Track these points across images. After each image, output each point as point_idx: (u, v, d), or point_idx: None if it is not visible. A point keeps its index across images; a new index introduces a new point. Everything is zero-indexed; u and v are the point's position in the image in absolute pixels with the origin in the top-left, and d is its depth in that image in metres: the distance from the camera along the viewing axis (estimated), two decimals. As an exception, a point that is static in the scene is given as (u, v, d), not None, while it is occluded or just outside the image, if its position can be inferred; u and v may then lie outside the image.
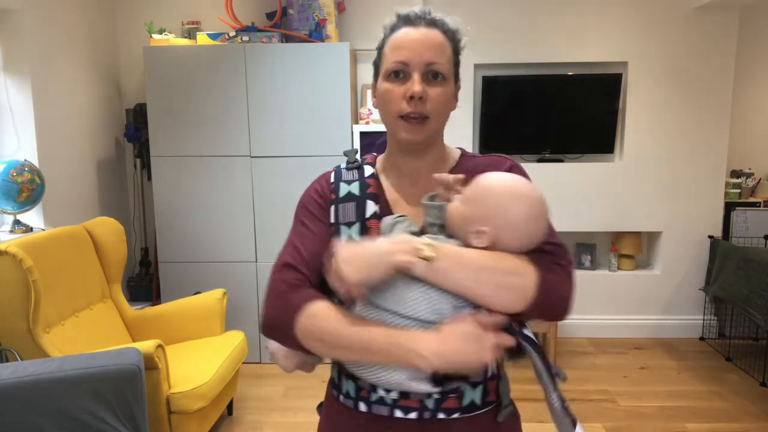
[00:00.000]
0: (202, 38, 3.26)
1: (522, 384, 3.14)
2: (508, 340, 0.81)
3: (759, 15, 3.68)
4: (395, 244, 0.79)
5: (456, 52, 0.94)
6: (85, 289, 2.49)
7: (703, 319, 3.75)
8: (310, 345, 0.86)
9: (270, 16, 3.45)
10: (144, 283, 3.65)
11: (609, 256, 3.85)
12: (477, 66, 3.65)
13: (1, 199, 2.51)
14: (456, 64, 0.95)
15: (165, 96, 3.23)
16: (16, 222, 2.63)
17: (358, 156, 1.02)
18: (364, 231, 0.92)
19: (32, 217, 2.82)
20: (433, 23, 0.92)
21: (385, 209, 0.95)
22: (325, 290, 0.88)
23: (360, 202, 0.94)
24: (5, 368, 1.66)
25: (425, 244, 0.78)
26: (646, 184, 3.68)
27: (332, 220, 0.95)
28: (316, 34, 3.23)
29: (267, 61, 3.18)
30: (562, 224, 3.71)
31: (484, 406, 0.91)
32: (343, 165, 1.01)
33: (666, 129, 3.64)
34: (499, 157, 0.99)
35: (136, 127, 3.53)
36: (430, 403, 0.87)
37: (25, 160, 2.63)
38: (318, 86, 3.18)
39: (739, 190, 3.71)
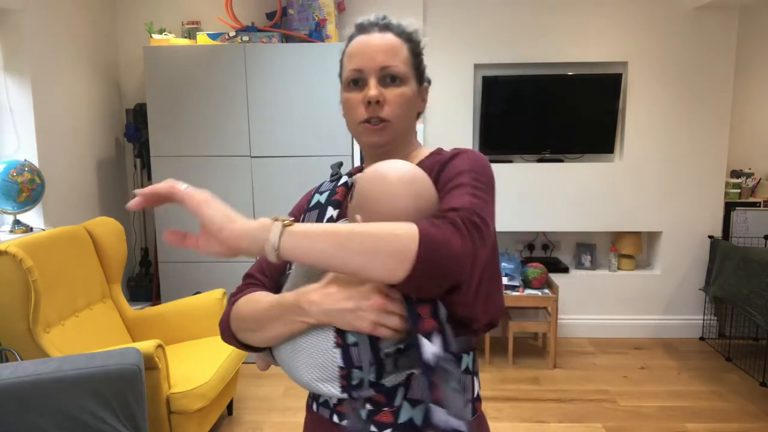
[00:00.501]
0: (202, 38, 3.26)
1: (521, 384, 3.14)
2: (392, 320, 0.74)
3: (759, 15, 3.68)
4: (255, 229, 0.74)
5: (415, 53, 0.93)
6: (85, 289, 2.49)
7: (703, 319, 3.75)
8: (242, 336, 0.89)
9: (270, 16, 3.45)
10: (144, 283, 3.65)
11: (609, 256, 3.85)
12: (477, 66, 3.65)
13: (1, 199, 2.51)
14: (417, 65, 0.94)
15: (165, 96, 3.23)
16: (16, 222, 2.63)
17: (342, 169, 1.03)
18: None
19: (32, 217, 2.82)
20: (386, 27, 0.92)
21: (343, 215, 0.95)
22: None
23: (322, 210, 0.96)
24: (5, 368, 1.66)
25: (277, 224, 0.72)
26: (646, 184, 3.68)
27: None
28: (316, 34, 3.23)
29: (267, 61, 3.18)
30: (562, 224, 3.72)
31: (425, 426, 0.82)
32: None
33: (666, 129, 3.64)
34: (455, 149, 0.93)
35: (136, 127, 3.53)
36: (363, 414, 0.85)
37: (25, 160, 2.62)
38: (318, 86, 3.18)
39: (739, 190, 3.71)
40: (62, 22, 3.08)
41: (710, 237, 3.67)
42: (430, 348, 0.73)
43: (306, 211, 0.99)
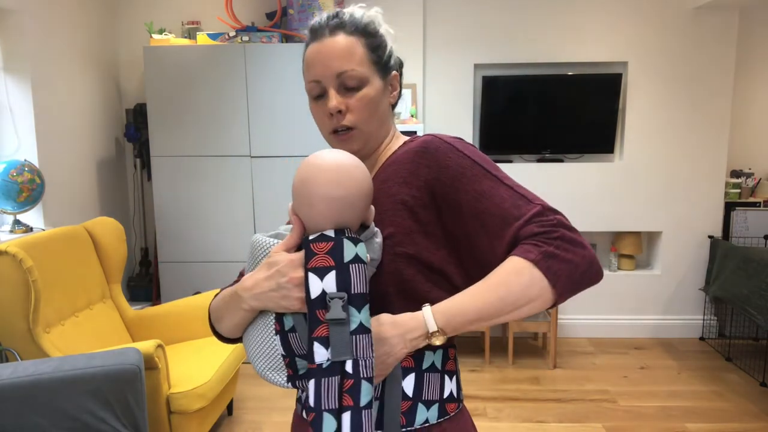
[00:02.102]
0: (202, 38, 3.26)
1: (521, 384, 3.14)
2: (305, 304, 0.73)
3: (759, 15, 3.68)
4: (406, 336, 0.77)
5: (373, 47, 0.88)
6: (85, 289, 2.49)
7: (703, 319, 3.75)
8: (216, 327, 0.91)
9: (270, 16, 3.45)
10: (144, 283, 3.65)
11: (609, 256, 3.85)
12: (477, 66, 3.65)
13: (1, 199, 2.51)
14: (377, 59, 0.88)
15: (165, 96, 3.23)
16: (16, 222, 2.63)
17: None
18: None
19: (32, 217, 2.82)
20: (337, 27, 0.86)
21: None
22: None
23: None
24: (5, 368, 1.66)
25: (431, 323, 0.76)
26: (646, 184, 3.68)
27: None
28: (316, 34, 3.23)
29: (267, 61, 3.18)
30: (562, 224, 3.71)
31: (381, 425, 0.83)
32: None
33: (666, 129, 3.64)
34: (420, 143, 0.89)
35: (136, 127, 3.53)
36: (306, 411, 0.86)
37: (25, 160, 2.62)
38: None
39: (739, 190, 3.71)
40: (62, 22, 3.08)
41: (710, 237, 3.67)
42: (318, 283, 0.72)
43: None
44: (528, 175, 3.68)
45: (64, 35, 3.10)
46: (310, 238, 0.74)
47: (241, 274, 0.99)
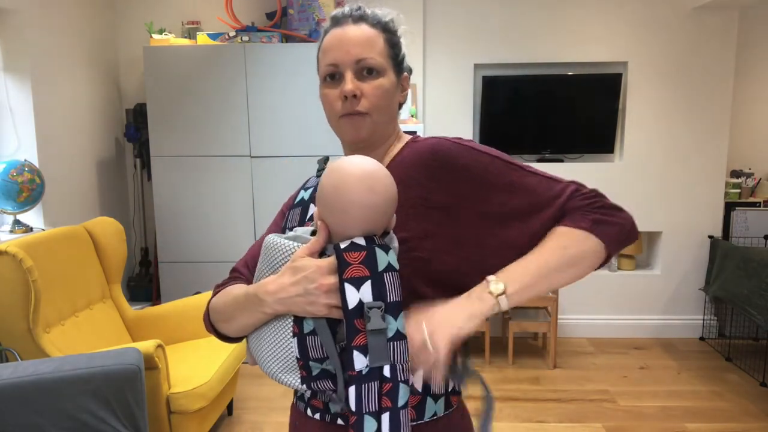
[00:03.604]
0: (202, 38, 3.26)
1: (521, 384, 3.14)
2: (332, 310, 0.74)
3: (759, 15, 3.68)
4: (471, 300, 0.78)
5: (392, 43, 0.90)
6: (85, 289, 2.49)
7: (703, 319, 3.75)
8: (219, 327, 0.92)
9: (270, 16, 3.45)
10: (144, 283, 3.65)
11: (609, 256, 3.84)
12: (477, 66, 3.65)
13: (1, 199, 2.51)
14: (394, 55, 0.90)
15: (165, 96, 3.23)
16: (16, 222, 2.63)
17: (327, 163, 1.02)
18: None
19: (32, 217, 2.82)
20: (360, 18, 0.88)
21: None
22: None
23: (305, 207, 0.96)
24: (5, 368, 1.66)
25: (493, 282, 0.78)
26: (646, 184, 3.68)
27: (283, 225, 0.99)
28: (316, 34, 3.23)
29: (267, 61, 3.18)
30: (562, 224, 3.71)
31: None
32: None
33: (666, 129, 3.64)
34: (431, 143, 0.90)
35: (136, 127, 3.53)
36: (332, 407, 0.87)
37: (25, 160, 2.63)
38: (318, 86, 3.18)
39: (739, 190, 3.71)
40: (62, 22, 3.08)
41: (710, 237, 3.67)
42: (354, 294, 0.73)
43: (292, 207, 0.99)
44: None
45: (64, 35, 3.10)
46: (342, 247, 0.74)
47: (235, 270, 0.99)
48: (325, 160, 1.00)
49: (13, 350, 2.08)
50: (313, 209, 0.94)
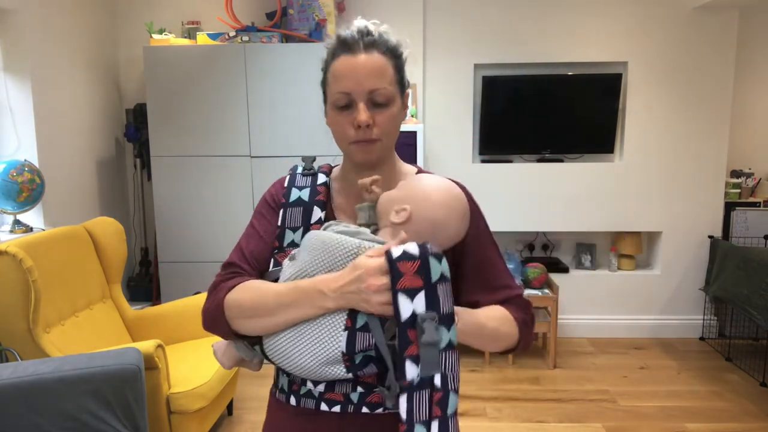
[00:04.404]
0: (202, 38, 3.26)
1: (521, 384, 3.14)
2: (385, 308, 0.77)
3: (759, 15, 3.68)
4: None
5: (398, 68, 0.95)
6: (85, 289, 2.49)
7: (703, 319, 3.75)
8: (238, 324, 0.90)
9: (270, 16, 3.45)
10: (144, 283, 3.65)
11: (609, 256, 3.85)
12: (477, 66, 3.65)
13: (1, 199, 2.50)
14: (400, 79, 0.95)
15: (165, 96, 3.23)
16: (16, 222, 2.63)
17: (315, 164, 1.06)
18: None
19: (32, 217, 2.81)
20: (371, 45, 0.91)
21: (330, 216, 0.99)
22: None
23: (307, 208, 0.99)
24: (5, 368, 1.66)
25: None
26: (646, 184, 3.68)
27: (279, 223, 0.99)
28: (316, 34, 3.23)
29: (267, 61, 3.18)
30: (562, 224, 3.72)
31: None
32: (300, 169, 1.05)
33: (666, 129, 3.64)
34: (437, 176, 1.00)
35: (136, 127, 3.53)
36: (354, 397, 0.89)
37: (25, 160, 2.62)
38: (318, 86, 3.17)
39: (739, 190, 3.71)
40: (62, 22, 3.08)
41: (710, 237, 3.67)
42: (408, 305, 0.74)
43: (287, 205, 1.00)
44: (528, 175, 3.68)
45: (64, 35, 3.10)
46: (395, 256, 0.76)
47: (233, 265, 0.99)
48: (312, 159, 1.05)
49: (13, 350, 2.08)
50: (317, 212, 0.97)
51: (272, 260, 0.98)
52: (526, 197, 3.67)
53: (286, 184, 1.03)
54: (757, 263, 3.01)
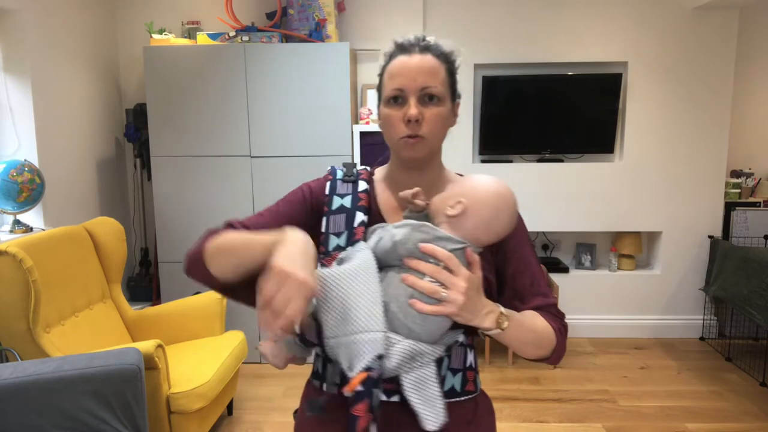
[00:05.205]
0: (202, 38, 3.26)
1: (521, 384, 3.14)
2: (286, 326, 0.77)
3: (759, 15, 3.68)
4: (488, 307, 0.89)
5: (451, 72, 1.00)
6: (85, 289, 2.49)
7: (703, 319, 3.75)
8: (215, 264, 0.95)
9: (270, 16, 3.45)
10: (144, 283, 3.65)
11: (609, 256, 3.85)
12: (477, 66, 3.65)
13: (1, 199, 2.51)
14: (452, 83, 1.00)
15: (165, 96, 3.23)
16: (16, 222, 2.63)
17: (355, 170, 1.09)
18: (351, 237, 0.99)
19: (32, 217, 2.82)
20: (426, 49, 0.97)
21: (376, 219, 1.02)
22: None
23: (350, 214, 1.01)
24: (5, 368, 1.66)
25: (504, 315, 0.90)
26: (646, 184, 3.68)
27: (323, 229, 1.02)
28: (316, 34, 3.23)
29: (267, 61, 3.18)
30: (562, 224, 3.72)
31: (463, 393, 0.97)
32: (339, 175, 1.07)
33: (666, 129, 3.64)
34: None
35: (136, 127, 3.53)
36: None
37: (25, 160, 2.63)
38: (318, 86, 3.18)
39: (739, 190, 3.71)
40: (62, 22, 3.08)
41: (710, 237, 3.67)
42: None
43: (329, 213, 1.02)
44: (528, 175, 3.68)
45: (64, 35, 3.10)
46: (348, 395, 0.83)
47: (232, 224, 1.05)
48: (353, 165, 1.08)
49: (13, 350, 2.08)
50: (360, 216, 1.01)
51: (319, 264, 0.98)
52: (526, 197, 3.67)
53: (327, 191, 1.05)
54: (757, 263, 3.01)
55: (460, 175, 1.11)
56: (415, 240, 0.86)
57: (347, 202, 1.02)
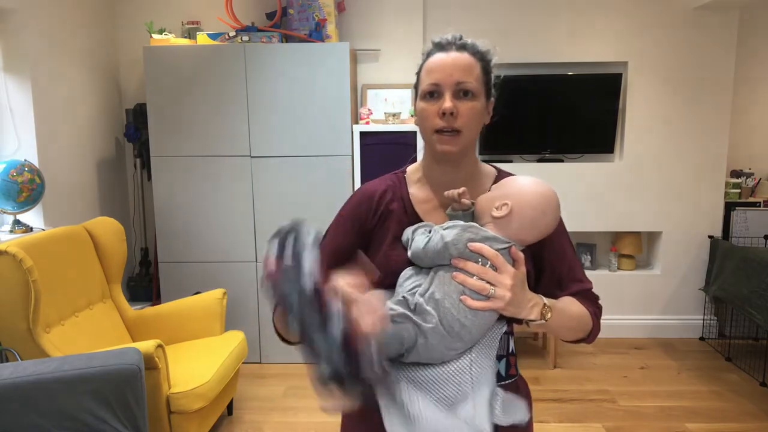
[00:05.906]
0: (202, 38, 3.26)
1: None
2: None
3: (759, 15, 3.68)
4: (533, 300, 0.94)
5: (486, 70, 1.04)
6: (85, 289, 2.49)
7: (703, 319, 3.75)
8: (291, 338, 0.97)
9: (270, 16, 3.45)
10: (144, 283, 3.65)
11: (609, 256, 3.85)
12: (477, 66, 3.64)
13: (1, 199, 2.51)
14: (487, 81, 1.05)
15: (165, 96, 3.23)
16: (16, 222, 2.63)
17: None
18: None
19: (32, 217, 2.82)
20: (462, 47, 1.02)
21: (412, 218, 1.06)
22: None
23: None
24: (5, 368, 1.66)
25: (548, 306, 0.95)
26: (646, 184, 3.68)
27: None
28: (316, 34, 3.23)
29: (267, 61, 3.18)
30: (562, 224, 3.71)
31: (508, 377, 1.03)
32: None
33: (666, 129, 3.64)
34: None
35: (136, 127, 3.53)
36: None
37: (25, 160, 2.63)
38: (318, 86, 3.18)
39: (739, 190, 3.70)
40: (62, 22, 3.08)
41: (710, 237, 3.67)
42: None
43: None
44: (528, 175, 3.66)
45: (64, 35, 3.10)
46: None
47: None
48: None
49: (13, 350, 2.08)
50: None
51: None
52: (526, 197, 3.67)
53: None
54: (757, 263, 3.01)
55: (496, 168, 1.15)
56: (465, 240, 0.91)
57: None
